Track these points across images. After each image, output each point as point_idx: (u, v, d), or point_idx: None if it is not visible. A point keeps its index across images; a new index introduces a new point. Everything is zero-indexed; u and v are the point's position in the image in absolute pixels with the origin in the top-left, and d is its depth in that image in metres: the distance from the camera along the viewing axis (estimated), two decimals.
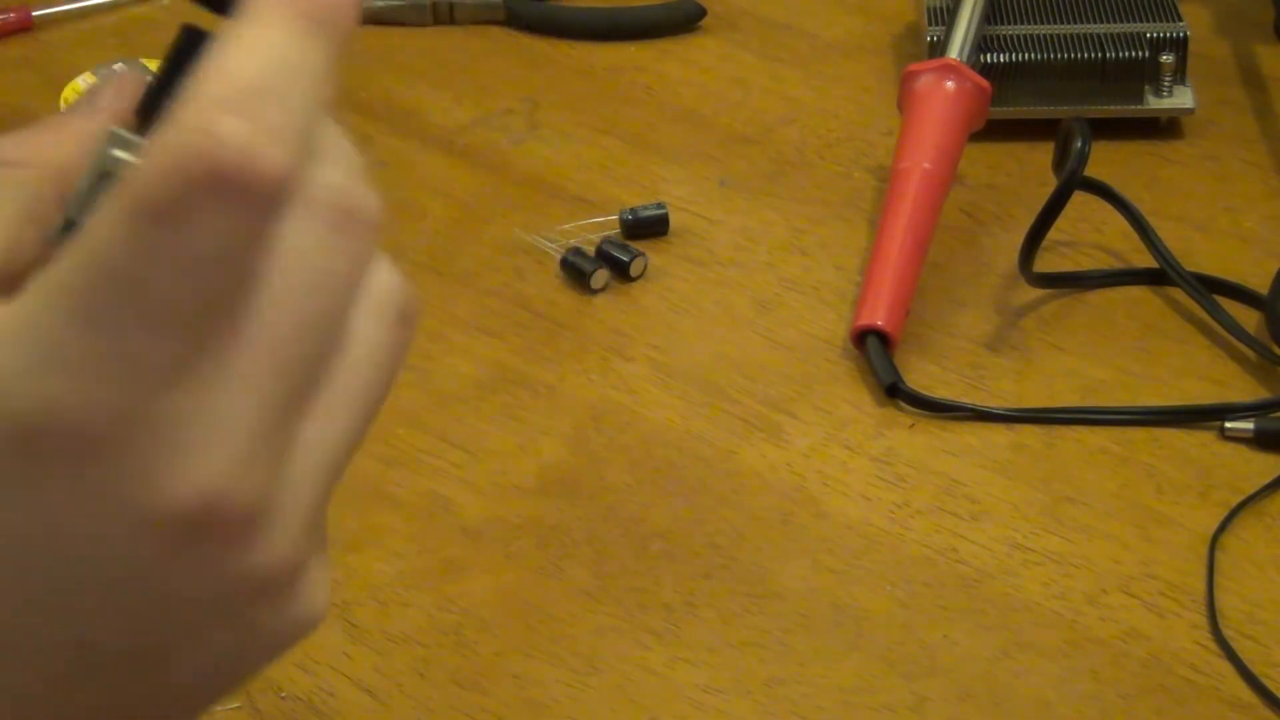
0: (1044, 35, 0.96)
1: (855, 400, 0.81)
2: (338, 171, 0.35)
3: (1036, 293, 0.87)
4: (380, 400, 0.38)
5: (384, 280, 0.37)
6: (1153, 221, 0.88)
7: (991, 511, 0.76)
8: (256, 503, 0.35)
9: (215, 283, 0.33)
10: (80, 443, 0.33)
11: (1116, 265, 0.88)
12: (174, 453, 0.34)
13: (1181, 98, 0.96)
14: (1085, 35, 0.96)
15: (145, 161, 0.32)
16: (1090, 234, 0.90)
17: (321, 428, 0.36)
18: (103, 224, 0.33)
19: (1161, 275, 0.87)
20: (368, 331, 0.37)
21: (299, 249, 0.34)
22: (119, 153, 0.35)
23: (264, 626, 0.37)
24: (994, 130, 0.94)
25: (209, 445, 0.34)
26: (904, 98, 0.92)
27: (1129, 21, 0.97)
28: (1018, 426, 0.80)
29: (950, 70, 0.91)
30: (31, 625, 0.35)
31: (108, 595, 0.35)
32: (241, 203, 0.32)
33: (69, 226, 0.35)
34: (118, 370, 0.33)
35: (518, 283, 0.89)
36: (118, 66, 1.03)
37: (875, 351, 0.82)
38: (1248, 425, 0.78)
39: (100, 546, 0.34)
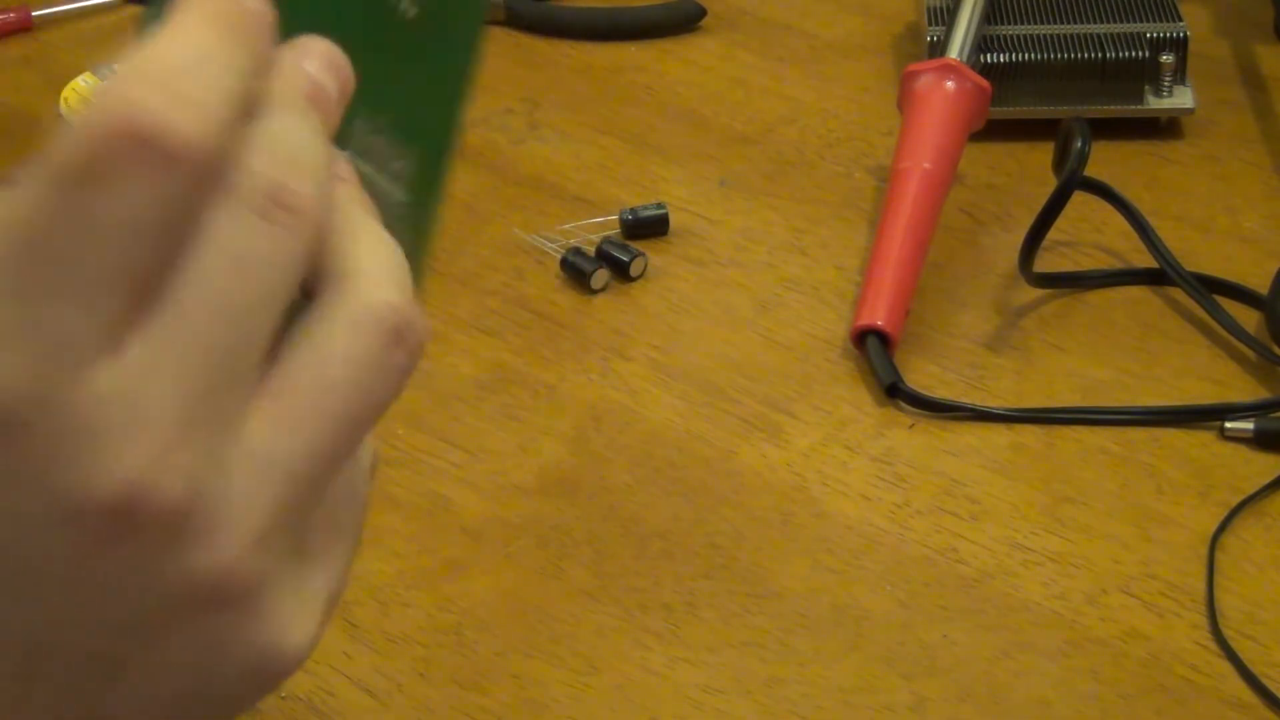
0: (1044, 35, 0.96)
1: (855, 400, 0.81)
2: (271, 163, 0.35)
3: (1036, 293, 0.87)
4: (363, 418, 0.37)
5: (373, 296, 0.37)
6: (1153, 221, 0.88)
7: (991, 511, 0.76)
8: (184, 497, 0.34)
9: (134, 252, 0.33)
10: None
11: (1116, 265, 0.88)
12: (94, 439, 0.33)
13: (1181, 98, 0.96)
14: (1085, 35, 0.96)
15: (68, 131, 0.33)
16: (1090, 234, 0.90)
17: (275, 433, 0.36)
18: (22, 190, 0.33)
19: (1161, 275, 0.87)
20: (344, 346, 0.36)
21: (220, 234, 0.34)
22: None
23: (226, 646, 0.36)
24: (994, 130, 0.94)
25: (130, 432, 0.33)
26: (904, 98, 0.92)
27: (1129, 21, 0.97)
28: (1018, 426, 0.80)
29: (950, 70, 0.91)
30: None
31: (43, 588, 0.35)
32: (159, 167, 0.33)
33: None
34: (35, 344, 0.33)
35: (518, 283, 0.89)
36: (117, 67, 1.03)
37: (875, 351, 0.82)
38: (1248, 425, 0.78)
39: (26, 536, 0.34)
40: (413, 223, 0.46)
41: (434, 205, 0.47)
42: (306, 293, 0.37)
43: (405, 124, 0.45)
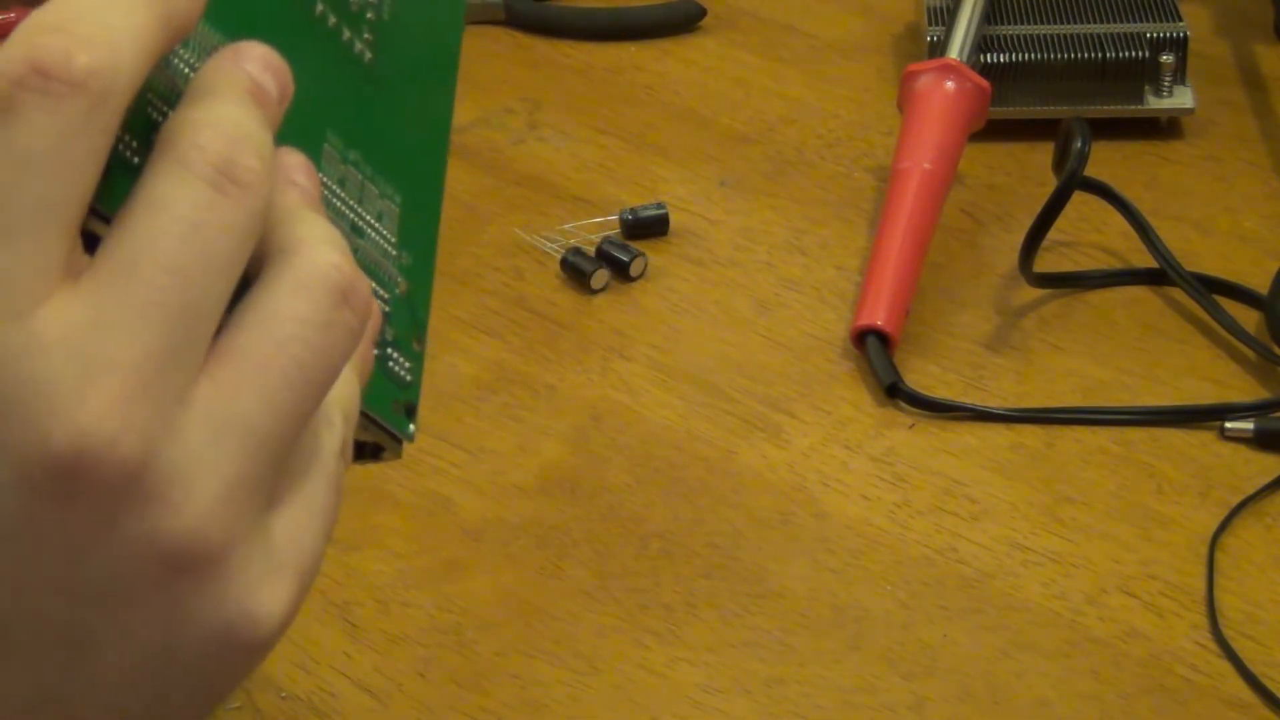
0: (1044, 35, 0.96)
1: (855, 400, 0.81)
2: (219, 138, 0.36)
3: (1036, 293, 0.87)
4: (315, 380, 0.37)
5: (317, 259, 0.38)
6: (1153, 221, 0.88)
7: (991, 511, 0.76)
8: (139, 455, 0.34)
9: (59, 184, 0.34)
10: None
11: (1116, 265, 0.88)
12: (44, 390, 0.33)
13: (1181, 98, 0.96)
14: (1085, 35, 0.96)
15: None
16: (1090, 234, 0.90)
17: (229, 393, 0.36)
18: None
19: (1161, 275, 0.87)
20: (291, 305, 0.37)
21: (169, 198, 0.35)
22: None
23: (192, 614, 0.36)
24: (994, 130, 0.94)
25: (83, 385, 0.34)
26: (904, 98, 0.92)
27: (1129, 21, 0.97)
28: (1018, 426, 0.80)
29: (950, 70, 0.91)
30: None
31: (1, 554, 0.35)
32: (64, 95, 0.34)
33: None
34: None
35: (518, 283, 0.89)
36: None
37: (875, 351, 0.82)
38: (1248, 425, 0.78)
39: None
40: (406, 269, 0.47)
41: (427, 255, 0.48)
42: (249, 279, 0.38)
43: (386, 167, 0.47)
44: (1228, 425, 0.78)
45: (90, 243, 0.36)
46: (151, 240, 0.35)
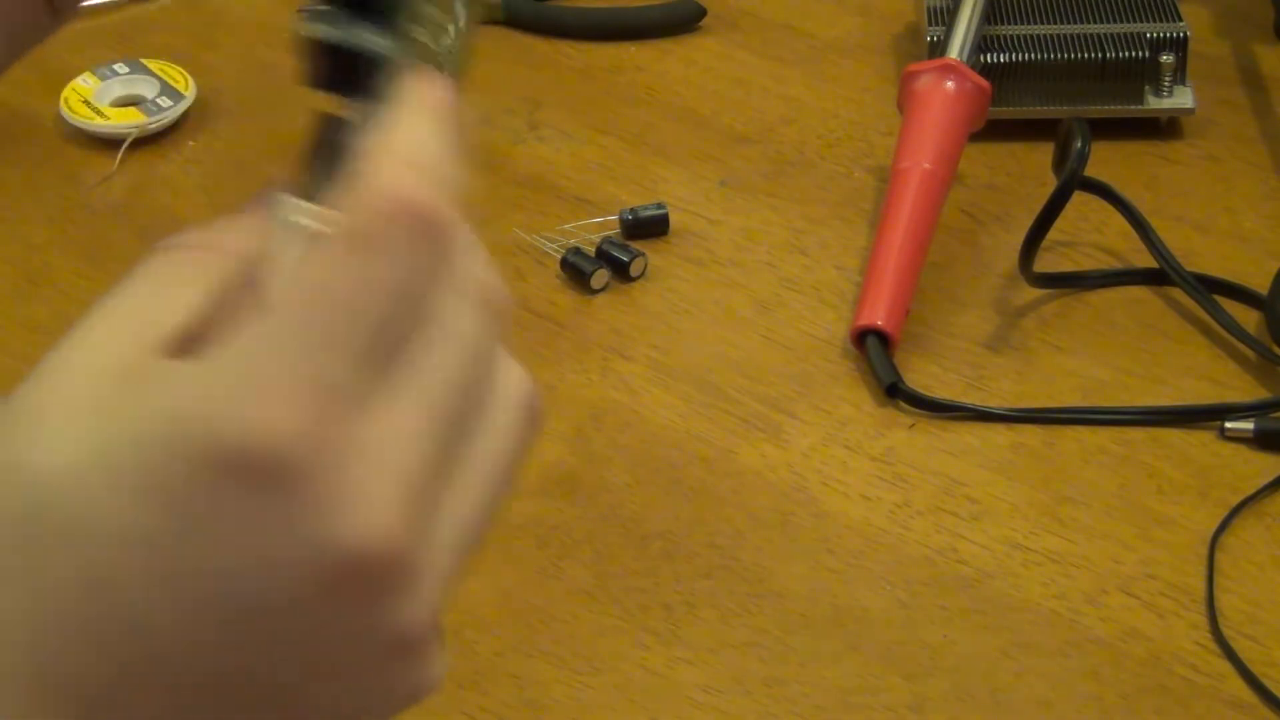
0: (1044, 35, 0.96)
1: (855, 400, 0.81)
2: (479, 264, 0.40)
3: (1036, 293, 0.87)
4: (507, 487, 0.41)
5: (520, 380, 0.42)
6: (1153, 221, 0.88)
7: (991, 511, 0.76)
8: (408, 557, 0.37)
9: (396, 313, 0.37)
10: (275, 467, 0.35)
11: (1116, 265, 0.88)
12: (351, 492, 0.36)
13: (1181, 98, 0.96)
14: (1085, 35, 0.96)
15: (352, 204, 0.38)
16: (1090, 234, 0.90)
17: (460, 499, 0.39)
18: (315, 259, 0.37)
19: (1161, 275, 0.87)
20: (503, 420, 0.41)
21: (454, 323, 0.39)
22: (295, 216, 0.40)
23: (393, 684, 0.39)
24: (994, 130, 0.94)
25: (384, 486, 0.37)
26: (904, 98, 0.92)
27: (1129, 21, 0.97)
28: (1018, 426, 0.80)
29: (950, 70, 0.91)
30: (199, 653, 0.37)
31: (264, 632, 0.37)
32: (424, 238, 0.38)
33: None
34: (318, 396, 0.36)
35: (518, 283, 0.89)
36: (118, 66, 1.03)
37: (875, 351, 0.82)
38: (1248, 425, 0.78)
39: (270, 580, 0.36)
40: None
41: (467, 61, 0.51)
42: None
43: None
44: (1228, 425, 0.78)
45: None
46: (441, 356, 0.39)
